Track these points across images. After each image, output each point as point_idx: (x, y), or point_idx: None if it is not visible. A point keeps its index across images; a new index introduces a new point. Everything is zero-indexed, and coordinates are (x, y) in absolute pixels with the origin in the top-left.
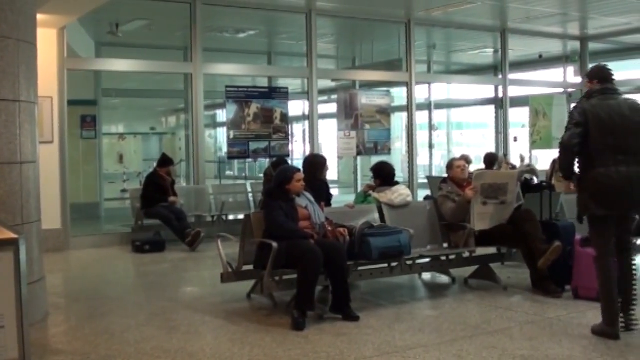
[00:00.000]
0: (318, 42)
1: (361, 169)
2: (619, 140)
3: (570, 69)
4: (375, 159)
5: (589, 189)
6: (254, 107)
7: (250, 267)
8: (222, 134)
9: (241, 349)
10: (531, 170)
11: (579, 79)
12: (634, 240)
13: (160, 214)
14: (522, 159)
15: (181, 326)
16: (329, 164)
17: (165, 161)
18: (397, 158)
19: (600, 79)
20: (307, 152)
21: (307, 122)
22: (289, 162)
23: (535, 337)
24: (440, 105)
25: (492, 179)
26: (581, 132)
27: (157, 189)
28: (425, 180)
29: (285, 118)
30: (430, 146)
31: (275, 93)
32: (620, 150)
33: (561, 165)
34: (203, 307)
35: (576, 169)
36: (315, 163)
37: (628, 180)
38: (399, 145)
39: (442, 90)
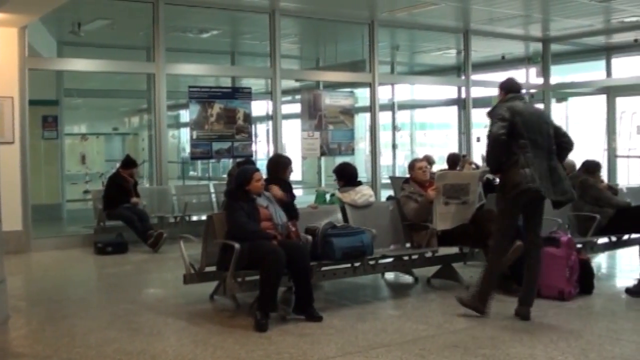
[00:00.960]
0: (281, 42)
1: (325, 170)
2: (535, 136)
3: (533, 70)
4: (339, 160)
5: (512, 179)
6: (217, 108)
7: (213, 268)
8: (185, 135)
9: (204, 350)
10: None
11: (541, 80)
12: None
13: (123, 215)
14: (484, 159)
15: (143, 328)
16: (292, 164)
17: (128, 163)
18: (361, 158)
19: (513, 90)
20: (271, 153)
21: (270, 123)
22: (254, 162)
23: (497, 336)
24: (403, 106)
25: (454, 179)
26: (507, 127)
27: (119, 190)
28: (389, 181)
29: (248, 118)
30: (394, 146)
31: (238, 93)
32: (537, 146)
33: (489, 157)
34: (165, 308)
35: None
36: (279, 163)
37: (541, 173)
38: (362, 145)
39: (405, 90)
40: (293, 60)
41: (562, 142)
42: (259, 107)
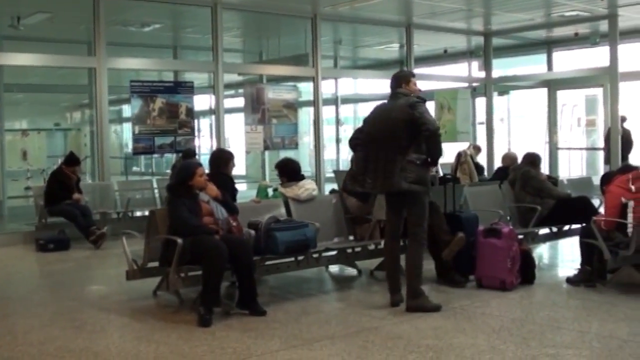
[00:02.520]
0: (224, 36)
1: (269, 164)
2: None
3: (475, 64)
4: (282, 154)
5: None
6: (159, 102)
7: (156, 264)
8: (128, 130)
9: (147, 346)
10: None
11: (482, 74)
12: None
13: (65, 211)
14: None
15: (86, 325)
16: (236, 159)
17: (72, 160)
18: (305, 152)
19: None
20: (214, 148)
21: (213, 117)
22: (197, 155)
23: (439, 327)
24: (347, 100)
25: None
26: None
27: (61, 186)
28: (333, 175)
29: (191, 113)
30: (338, 141)
31: (181, 87)
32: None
33: (439, 152)
34: (108, 305)
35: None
36: (221, 158)
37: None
38: (307, 139)
39: (349, 85)
40: (236, 54)
41: (423, 132)
42: (202, 102)
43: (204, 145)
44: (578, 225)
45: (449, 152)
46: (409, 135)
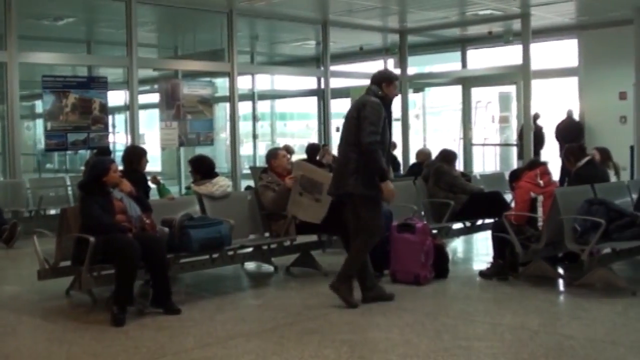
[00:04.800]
0: (139, 31)
1: (184, 160)
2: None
3: (390, 61)
4: (198, 150)
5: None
6: (72, 98)
7: (69, 263)
8: (40, 126)
9: (59, 347)
10: None
11: (398, 71)
12: None
13: None
14: None
15: None
16: (151, 155)
17: None
18: (221, 148)
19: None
20: (129, 144)
21: (128, 113)
22: (112, 151)
23: (354, 321)
24: (264, 96)
25: (310, 173)
26: None
27: None
28: (250, 171)
29: (104, 108)
30: (254, 137)
31: (94, 83)
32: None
33: (373, 164)
34: (20, 306)
35: None
36: (134, 155)
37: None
38: (223, 135)
39: (265, 81)
40: (151, 49)
41: None
42: (117, 97)
43: (119, 142)
44: (490, 220)
45: None
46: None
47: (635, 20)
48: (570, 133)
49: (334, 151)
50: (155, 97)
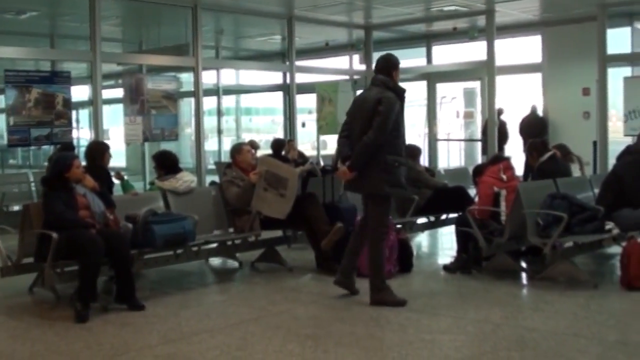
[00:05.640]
0: (102, 25)
1: (149, 156)
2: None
3: (356, 57)
4: (163, 145)
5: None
6: (35, 92)
7: (32, 259)
8: (3, 121)
9: (22, 344)
10: (313, 168)
11: (363, 67)
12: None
13: None
14: (307, 159)
15: None
16: (116, 150)
17: None
18: (186, 144)
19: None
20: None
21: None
22: (75, 148)
23: (318, 316)
24: (229, 91)
25: (275, 169)
26: None
27: None
28: (215, 167)
29: (68, 103)
30: (219, 132)
31: (57, 77)
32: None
33: (356, 156)
34: None
35: None
36: (96, 150)
37: None
38: (188, 130)
39: (231, 76)
40: (115, 44)
41: None
42: (81, 92)
43: (83, 137)
44: (454, 215)
45: (331, 144)
46: None
47: (598, 17)
48: (534, 128)
49: (300, 147)
50: (119, 92)
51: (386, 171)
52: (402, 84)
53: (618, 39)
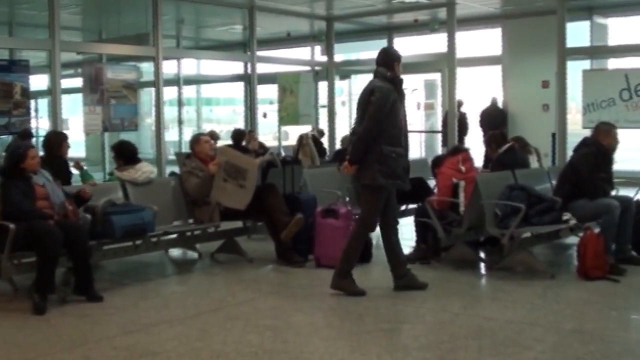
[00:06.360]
0: (62, 13)
1: (109, 146)
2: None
3: (317, 48)
4: (122, 136)
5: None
6: None
7: None
8: None
9: None
10: (273, 159)
11: (325, 58)
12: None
13: None
14: (267, 150)
15: None
16: (75, 140)
17: None
18: (147, 134)
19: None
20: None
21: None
22: (34, 137)
23: (278, 307)
24: (189, 81)
25: (235, 159)
26: None
27: None
28: (175, 157)
29: (26, 93)
30: (180, 122)
31: (15, 66)
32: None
33: (353, 152)
34: None
35: None
36: (54, 140)
37: None
38: (148, 120)
39: (191, 65)
40: (74, 32)
41: None
42: (40, 81)
43: (42, 127)
44: (414, 205)
45: (292, 134)
46: None
47: (558, 11)
48: (494, 120)
49: (261, 137)
50: (79, 82)
51: (380, 162)
52: (363, 75)
53: (577, 33)
